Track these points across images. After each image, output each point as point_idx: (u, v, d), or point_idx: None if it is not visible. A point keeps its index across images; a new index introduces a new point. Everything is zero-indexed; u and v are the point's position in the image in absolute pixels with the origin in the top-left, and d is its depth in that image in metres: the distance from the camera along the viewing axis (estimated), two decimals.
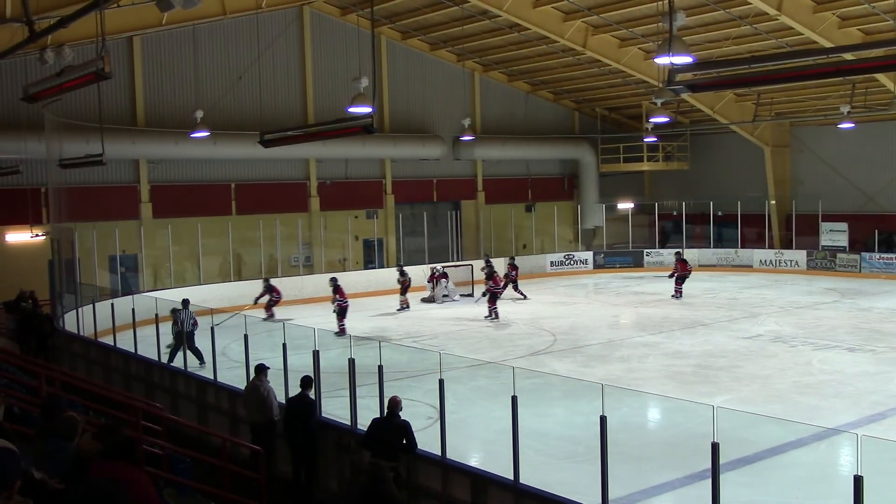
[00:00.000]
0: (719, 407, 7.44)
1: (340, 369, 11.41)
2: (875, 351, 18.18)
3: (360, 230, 31.24)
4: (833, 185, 33.41)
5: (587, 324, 22.48)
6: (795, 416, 13.09)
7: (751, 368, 16.83)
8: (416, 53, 32.35)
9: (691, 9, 23.81)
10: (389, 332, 22.04)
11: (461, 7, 27.05)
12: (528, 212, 36.05)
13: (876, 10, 22.90)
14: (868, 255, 31.25)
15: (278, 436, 11.43)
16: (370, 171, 32.01)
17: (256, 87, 27.40)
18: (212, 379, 13.93)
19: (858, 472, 6.21)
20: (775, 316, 23.03)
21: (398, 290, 26.01)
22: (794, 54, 21.15)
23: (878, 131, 31.89)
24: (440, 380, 9.74)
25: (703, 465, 7.28)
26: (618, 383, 15.25)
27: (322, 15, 29.72)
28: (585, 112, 38.11)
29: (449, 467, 9.51)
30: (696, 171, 36.96)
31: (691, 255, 34.07)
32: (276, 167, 29.27)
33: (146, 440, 10.32)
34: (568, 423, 13.02)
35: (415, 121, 32.55)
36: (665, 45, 13.90)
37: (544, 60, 32.23)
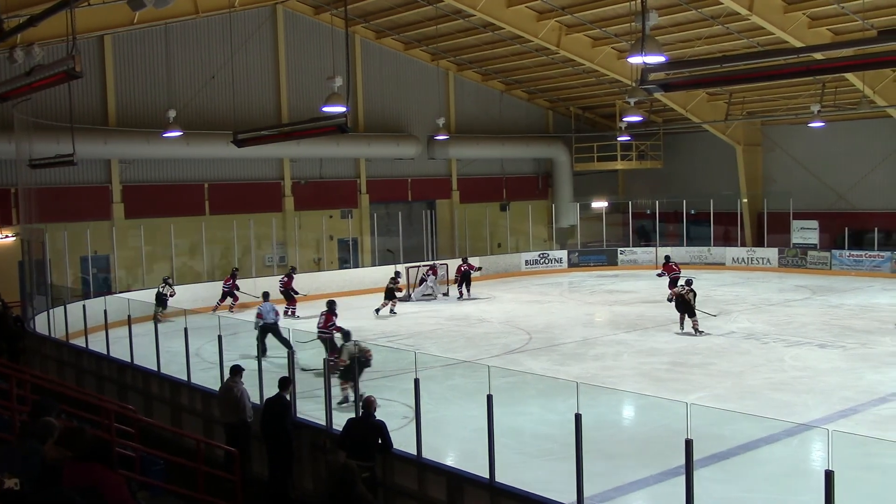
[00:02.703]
0: (693, 404, 7.49)
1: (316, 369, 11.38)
2: (845, 347, 18.41)
3: (334, 230, 31.16)
4: (804, 184, 33.78)
5: (562, 322, 22.56)
6: (768, 413, 13.23)
7: (724, 365, 16.97)
8: (391, 52, 32.30)
9: (664, 8, 23.97)
10: (365, 331, 21.96)
11: (435, 6, 27.05)
12: (503, 211, 36.11)
13: (846, 10, 23.18)
14: (838, 253, 31.62)
15: (253, 437, 11.37)
16: (345, 171, 31.93)
17: (229, 86, 27.24)
18: (185, 380, 13.83)
19: (829, 467, 6.28)
20: (748, 313, 23.24)
21: (382, 290, 25.45)
22: (765, 54, 21.33)
23: (847, 130, 32.28)
24: (416, 379, 9.74)
25: (677, 462, 7.32)
26: (593, 381, 15.32)
27: (295, 14, 29.60)
28: (559, 111, 38.25)
29: (425, 467, 9.51)
30: (669, 170, 37.22)
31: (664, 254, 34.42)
32: (249, 167, 29.12)
33: (119, 442, 10.22)
34: (543, 422, 13.06)
35: (389, 120, 32.51)
36: (638, 44, 13.95)
37: (518, 60, 32.31)
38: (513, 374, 15.84)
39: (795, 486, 10.51)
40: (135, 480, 9.09)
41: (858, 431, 11.87)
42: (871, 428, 12.45)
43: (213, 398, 12.51)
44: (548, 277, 32.81)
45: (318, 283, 28.43)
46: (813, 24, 24.60)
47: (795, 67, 14.79)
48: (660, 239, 35.38)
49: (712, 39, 26.60)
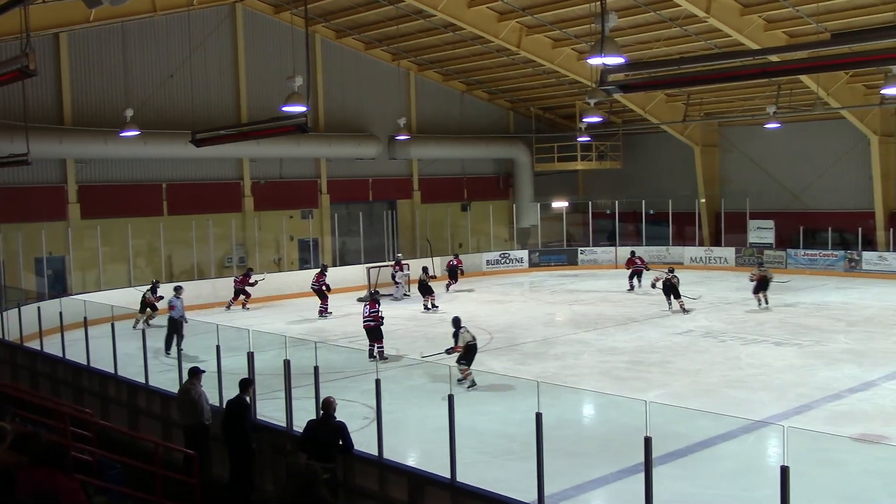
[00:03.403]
0: (652, 402, 7.58)
1: (276, 371, 11.30)
2: (800, 345, 18.72)
3: (295, 230, 30.98)
4: (760, 184, 34.30)
5: (523, 322, 22.66)
6: (725, 410, 13.41)
7: (682, 364, 17.17)
8: (351, 52, 32.19)
9: (623, 10, 24.17)
10: (326, 332, 21.90)
11: (396, 6, 27.01)
12: (464, 211, 36.20)
13: (800, 13, 23.57)
14: (793, 252, 32.15)
15: (213, 439, 11.27)
16: (305, 171, 31.75)
17: (188, 85, 26.96)
18: (143, 383, 13.66)
19: (785, 463, 6.38)
20: (705, 312, 23.53)
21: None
22: (722, 56, 21.58)
23: (802, 131, 32.83)
24: (376, 380, 9.71)
25: (637, 460, 7.40)
26: (553, 380, 15.41)
27: (255, 13, 29.38)
28: (520, 112, 38.41)
29: (386, 467, 9.49)
30: (628, 170, 37.56)
31: (624, 253, 34.72)
32: (208, 167, 28.84)
33: (75, 446, 10.06)
34: (504, 421, 13.11)
35: (350, 120, 32.39)
36: (597, 45, 14.07)
37: (479, 60, 32.39)
38: (474, 374, 15.88)
39: (752, 481, 10.66)
40: (91, 485, 8.96)
41: (813, 427, 12.08)
42: (825, 424, 12.67)
43: (172, 400, 12.38)
44: (509, 277, 32.93)
45: (277, 283, 28.25)
46: (769, 27, 24.98)
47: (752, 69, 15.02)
48: (619, 239, 35.68)
49: (670, 41, 26.90)
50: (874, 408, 13.67)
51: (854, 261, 30.60)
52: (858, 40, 14.41)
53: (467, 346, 15.90)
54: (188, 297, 24.98)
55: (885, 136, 30.76)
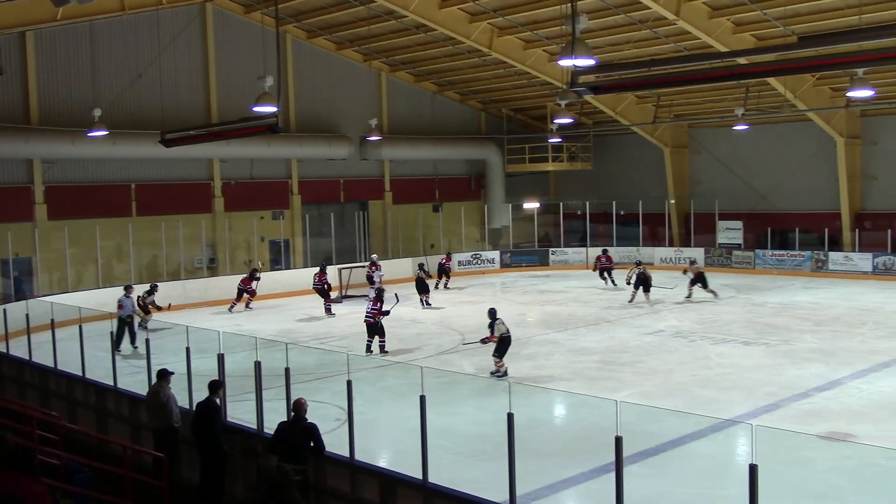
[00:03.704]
0: (622, 401, 7.61)
1: (246, 372, 11.24)
2: (769, 344, 18.92)
3: (266, 231, 30.82)
4: (729, 185, 34.64)
5: None
6: (695, 409, 13.53)
7: (652, 363, 17.29)
8: (323, 53, 32.09)
9: (594, 12, 24.29)
10: (297, 333, 21.81)
11: (367, 7, 26.96)
12: (436, 212, 36.21)
13: (768, 16, 23.83)
14: (761, 252, 32.51)
15: (184, 441, 11.18)
16: (276, 172, 31.59)
17: (157, 85, 26.76)
18: (111, 385, 13.53)
19: (753, 461, 6.45)
20: (675, 312, 23.72)
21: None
22: (692, 58, 21.78)
23: (770, 133, 33.19)
24: (348, 381, 9.69)
25: (608, 459, 7.43)
26: (525, 380, 15.46)
27: (225, 12, 29.18)
28: (492, 113, 38.49)
29: (357, 469, 9.47)
30: (599, 171, 37.76)
31: (595, 254, 34.88)
32: (178, 167, 28.58)
33: (41, 450, 9.94)
34: (476, 421, 13.12)
35: (321, 120, 32.28)
36: (568, 47, 14.14)
37: (451, 61, 32.41)
38: (446, 374, 15.91)
39: (722, 479, 10.76)
40: (59, 489, 8.86)
41: (781, 426, 12.21)
42: (792, 422, 12.82)
43: (141, 403, 12.27)
44: (480, 278, 32.99)
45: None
46: (737, 30, 25.23)
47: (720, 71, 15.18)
48: (590, 239, 35.87)
49: (641, 43, 27.07)
50: (840, 406, 13.85)
51: (821, 261, 30.99)
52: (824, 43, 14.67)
53: (501, 337, 16.35)
54: (157, 298, 24.89)
55: (851, 137, 31.19)
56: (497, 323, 16.52)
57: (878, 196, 31.64)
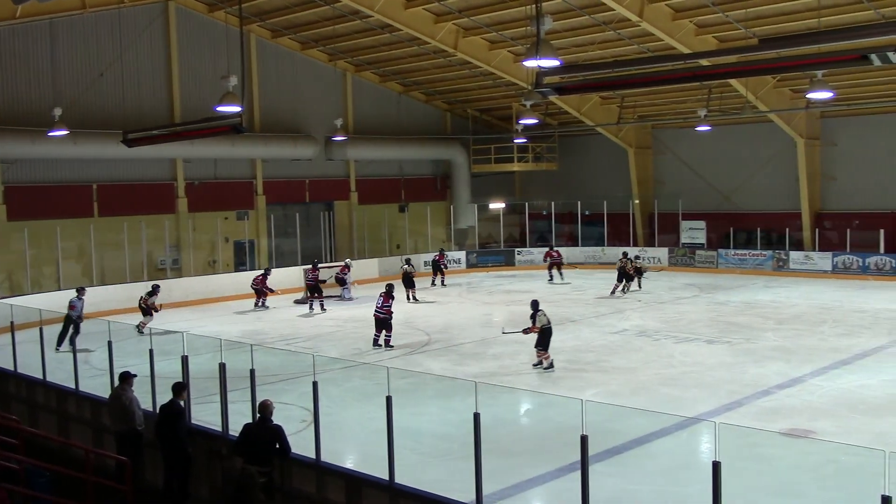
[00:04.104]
0: (588, 400, 7.67)
1: (211, 374, 11.15)
2: (731, 342, 19.14)
3: (230, 231, 30.57)
4: (692, 185, 35.01)
5: (461, 322, 22.73)
6: (659, 407, 13.64)
7: (617, 362, 17.42)
8: (287, 52, 31.91)
9: (558, 13, 24.43)
10: (262, 335, 21.67)
11: (332, 7, 26.86)
12: (402, 212, 36.18)
13: (729, 19, 24.12)
14: (724, 252, 32.89)
15: (148, 444, 11.07)
16: (240, 172, 31.35)
17: (119, 84, 26.47)
18: (73, 388, 13.35)
19: (717, 458, 6.52)
20: (639, 311, 23.92)
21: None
22: (655, 59, 21.99)
23: (732, 134, 33.59)
24: (314, 382, 9.65)
25: (574, 458, 7.48)
26: (491, 380, 15.49)
27: (188, 11, 28.90)
28: (457, 113, 38.54)
29: (323, 470, 9.44)
30: (564, 172, 37.97)
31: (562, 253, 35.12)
32: (140, 167, 28.23)
33: (1, 454, 9.79)
34: (443, 422, 13.13)
35: (286, 120, 32.10)
36: (533, 48, 14.20)
37: (416, 61, 32.40)
38: (412, 374, 15.89)
39: (686, 477, 10.86)
40: (19, 494, 8.73)
41: (743, 423, 12.36)
42: (754, 419, 12.98)
43: (103, 406, 12.12)
44: (446, 278, 32.98)
45: (213, 285, 27.90)
46: (699, 32, 25.51)
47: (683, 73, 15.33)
48: (555, 239, 36.05)
49: (605, 45, 27.27)
50: (802, 403, 14.05)
51: (782, 260, 31.43)
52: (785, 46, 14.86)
53: (543, 329, 16.72)
54: (120, 300, 24.70)
55: (811, 139, 31.67)
56: (539, 314, 16.90)
57: (838, 196, 32.16)
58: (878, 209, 30.80)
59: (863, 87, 28.92)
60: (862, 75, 27.55)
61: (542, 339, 16.80)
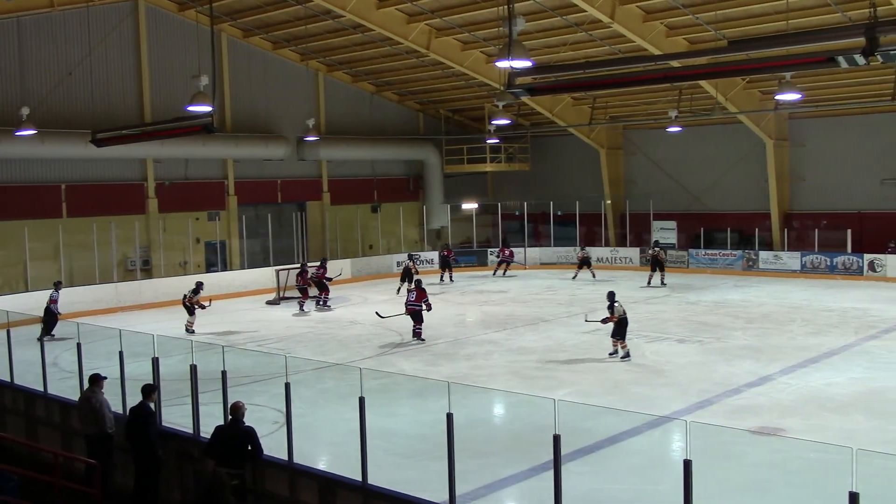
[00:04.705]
0: (560, 400, 7.70)
1: (182, 376, 11.07)
2: (702, 342, 19.31)
3: (201, 232, 30.34)
4: (663, 186, 35.26)
5: (433, 322, 22.69)
6: (631, 406, 13.73)
7: (589, 362, 17.50)
8: (259, 52, 31.74)
9: (530, 14, 24.50)
10: (234, 336, 21.55)
11: (304, 6, 26.75)
12: (374, 212, 36.12)
13: (700, 20, 24.33)
14: (695, 252, 33.15)
15: (117, 447, 10.97)
16: (212, 172, 31.13)
17: (88, 83, 26.20)
18: (41, 391, 13.19)
19: (687, 457, 6.58)
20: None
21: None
22: (626, 61, 22.13)
23: (702, 135, 33.88)
24: (286, 383, 9.61)
25: (547, 457, 7.51)
26: (464, 381, 15.50)
27: (159, 10, 28.66)
28: (430, 113, 38.54)
29: (296, 472, 9.40)
30: (536, 172, 38.10)
31: (532, 254, 35.27)
32: (110, 167, 27.95)
33: None
34: (416, 422, 13.13)
35: (258, 120, 31.93)
36: (505, 49, 14.25)
37: (389, 62, 32.36)
38: (385, 375, 15.89)
39: (658, 475, 10.95)
40: None
41: (714, 421, 12.47)
42: (725, 418, 13.10)
43: (72, 409, 11.99)
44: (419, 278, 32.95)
45: (183, 287, 27.50)
46: (670, 34, 25.71)
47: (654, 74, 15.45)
48: (528, 239, 36.16)
49: (577, 46, 27.41)
50: (770, 401, 14.20)
51: (752, 260, 31.74)
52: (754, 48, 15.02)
53: (620, 318, 17.53)
54: (88, 301, 24.50)
55: (780, 140, 32.03)
56: (616, 305, 17.70)
57: (806, 196, 32.54)
58: (846, 209, 31.20)
59: (830, 89, 29.30)
60: (829, 77, 27.90)
61: (619, 328, 17.62)
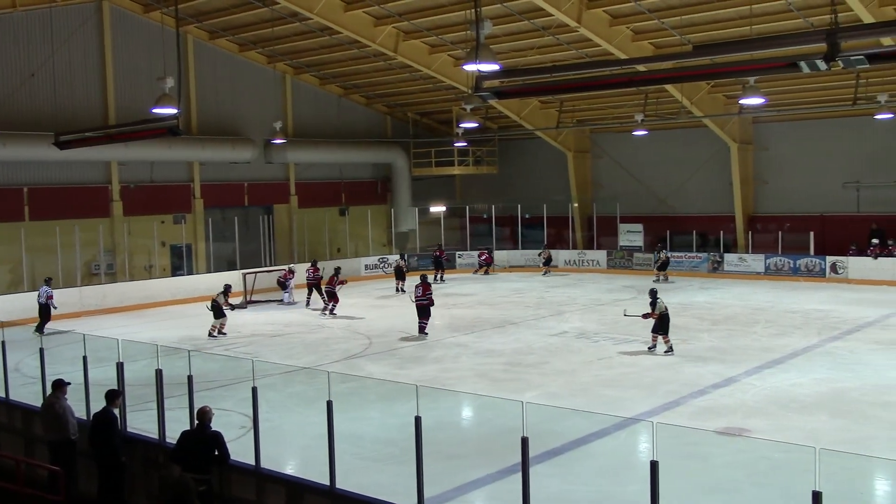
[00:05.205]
0: (528, 402, 7.72)
1: (148, 381, 10.95)
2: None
3: (167, 236, 30.04)
4: (629, 189, 35.54)
5: (402, 326, 22.68)
6: (598, 408, 13.81)
7: (557, 364, 17.58)
8: (225, 54, 31.52)
9: (498, 18, 24.59)
10: (200, 340, 21.35)
11: (271, 8, 26.61)
12: (342, 215, 36.01)
13: (665, 25, 24.56)
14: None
15: (80, 454, 10.82)
16: (177, 175, 30.84)
17: (51, 85, 25.86)
18: (3, 397, 12.98)
19: (654, 458, 6.62)
20: (579, 313, 24.18)
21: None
22: (593, 65, 22.33)
23: (668, 138, 34.20)
24: (253, 388, 9.54)
25: (515, 459, 7.52)
26: (432, 384, 15.50)
27: (123, 11, 28.35)
28: (398, 116, 38.51)
29: (264, 477, 9.34)
30: (504, 175, 38.22)
31: (500, 257, 35.38)
32: (74, 170, 27.58)
33: None
34: (384, 426, 13.10)
35: (224, 123, 31.70)
36: (473, 52, 14.28)
37: (356, 65, 32.30)
38: (353, 379, 15.85)
39: (625, 476, 11.02)
40: None
41: (680, 423, 12.58)
42: (691, 419, 13.22)
43: (35, 415, 11.81)
44: (387, 282, 32.90)
45: (149, 291, 27.40)
46: (636, 38, 25.92)
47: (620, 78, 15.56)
48: (496, 242, 36.26)
49: (544, 49, 27.54)
50: (736, 402, 14.35)
51: (717, 262, 32.08)
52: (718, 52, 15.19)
53: (661, 315, 18.21)
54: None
55: (744, 143, 32.41)
56: (658, 301, 18.42)
57: (770, 199, 32.96)
58: (808, 212, 31.65)
59: (793, 94, 29.73)
60: (792, 82, 28.31)
61: (662, 324, 18.28)
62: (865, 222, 30.35)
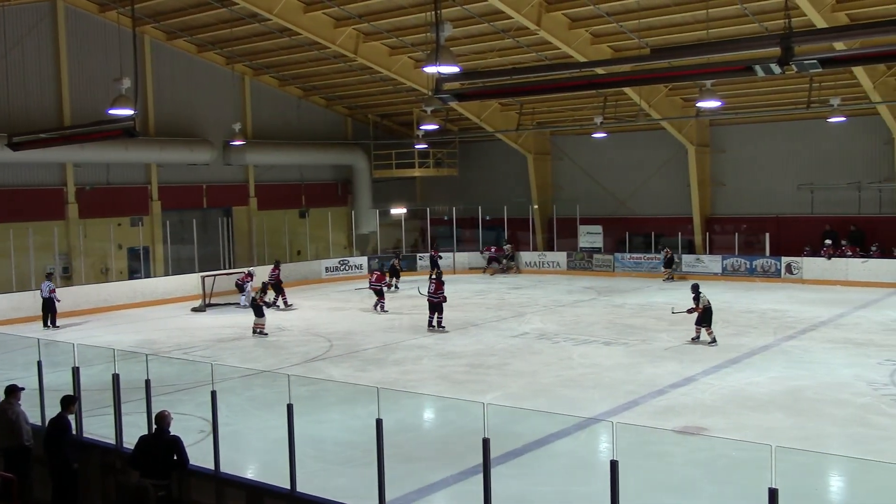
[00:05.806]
0: (489, 404, 7.75)
1: (104, 386, 10.79)
2: (628, 344, 19.64)
3: (123, 238, 29.64)
4: (589, 191, 35.82)
5: (363, 328, 22.64)
6: (559, 409, 13.89)
7: (518, 365, 17.65)
8: (183, 55, 31.20)
9: (458, 20, 24.64)
10: (158, 344, 21.10)
11: (229, 9, 26.39)
12: (302, 217, 35.82)
13: (623, 28, 24.80)
14: (620, 256, 33.72)
15: (36, 460, 10.63)
16: (134, 177, 30.45)
17: (4, 85, 25.41)
18: None
19: (614, 457, 6.68)
20: (540, 314, 24.30)
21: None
22: (552, 67, 22.43)
23: (626, 141, 34.54)
24: (212, 391, 9.45)
25: (476, 461, 7.54)
26: (394, 386, 15.49)
27: (78, 11, 27.93)
28: (358, 118, 38.40)
29: (223, 481, 9.25)
30: (465, 177, 38.31)
31: (461, 258, 35.45)
32: (27, 172, 27.09)
33: None
34: (345, 428, 13.05)
35: (183, 124, 31.36)
36: (433, 54, 14.30)
37: (316, 66, 32.15)
38: (314, 382, 15.76)
39: (586, 476, 11.09)
40: None
41: (640, 422, 12.71)
42: (650, 418, 13.35)
43: None
44: (348, 284, 32.82)
45: (105, 294, 27.00)
46: (595, 41, 26.14)
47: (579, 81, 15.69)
48: (456, 244, 36.30)
49: (504, 52, 27.65)
50: (694, 401, 14.52)
51: (675, 263, 32.43)
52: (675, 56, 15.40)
53: (705, 308, 19.10)
54: (6, 310, 23.75)
55: (701, 146, 32.83)
56: (701, 296, 19.40)
57: (727, 201, 33.42)
58: (764, 213, 32.14)
59: (749, 97, 30.17)
60: (747, 85, 28.74)
61: (705, 316, 19.19)
62: (819, 224, 30.89)
